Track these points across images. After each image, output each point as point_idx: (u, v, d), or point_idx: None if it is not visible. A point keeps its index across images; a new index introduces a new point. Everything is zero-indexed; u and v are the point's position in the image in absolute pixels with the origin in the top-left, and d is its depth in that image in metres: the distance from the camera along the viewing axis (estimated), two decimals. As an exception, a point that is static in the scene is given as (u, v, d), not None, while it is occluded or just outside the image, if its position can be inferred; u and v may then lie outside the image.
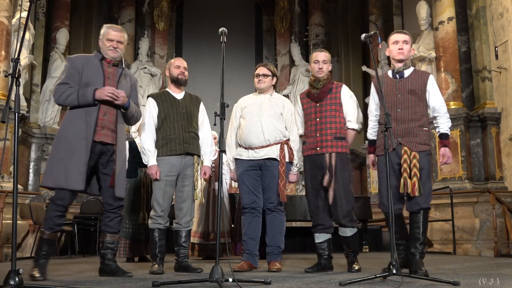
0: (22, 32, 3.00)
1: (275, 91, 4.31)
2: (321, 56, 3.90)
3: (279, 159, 3.95)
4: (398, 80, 3.60)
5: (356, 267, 3.73)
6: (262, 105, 4.05)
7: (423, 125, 3.53)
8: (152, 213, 3.91)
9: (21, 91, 5.69)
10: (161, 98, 4.02)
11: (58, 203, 3.31)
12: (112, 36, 3.54)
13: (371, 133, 3.77)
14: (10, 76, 2.58)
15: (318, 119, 3.85)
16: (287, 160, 3.99)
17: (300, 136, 4.05)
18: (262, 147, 3.96)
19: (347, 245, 3.83)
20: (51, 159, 3.37)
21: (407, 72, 3.61)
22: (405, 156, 3.46)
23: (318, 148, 3.80)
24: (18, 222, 5.05)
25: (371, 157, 3.80)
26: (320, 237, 3.86)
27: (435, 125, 3.64)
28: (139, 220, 5.33)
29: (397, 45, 3.60)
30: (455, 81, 7.27)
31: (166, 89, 4.16)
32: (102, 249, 3.50)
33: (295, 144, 4.05)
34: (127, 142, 5.62)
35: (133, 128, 5.70)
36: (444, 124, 3.59)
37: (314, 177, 3.84)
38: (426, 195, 3.47)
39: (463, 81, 7.35)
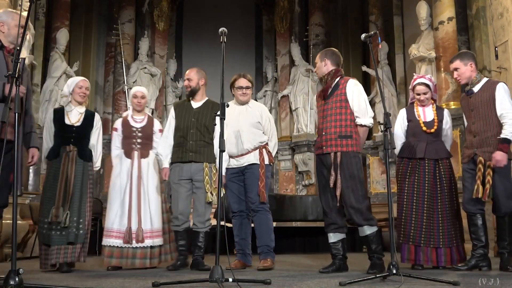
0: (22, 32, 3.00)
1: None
2: (316, 58, 3.90)
3: (259, 163, 4.14)
4: (470, 96, 3.89)
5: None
6: (240, 116, 4.23)
7: (498, 134, 3.69)
8: (171, 215, 4.29)
9: (21, 91, 5.67)
10: (180, 107, 4.29)
11: None
12: (21, 22, 3.15)
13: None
14: (10, 76, 2.58)
15: (323, 118, 3.77)
16: (266, 162, 4.18)
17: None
18: (242, 155, 4.18)
19: (369, 245, 3.67)
20: None
21: (476, 88, 3.87)
22: (480, 165, 3.73)
23: (324, 148, 3.71)
24: (18, 222, 5.03)
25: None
26: (334, 237, 3.75)
27: (502, 130, 3.69)
28: (49, 217, 3.97)
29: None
30: (455, 81, 7.25)
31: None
32: None
33: (272, 149, 4.27)
34: (52, 111, 4.36)
35: (65, 89, 4.32)
36: (506, 130, 3.66)
37: (323, 177, 3.78)
38: (508, 200, 3.70)
39: (463, 81, 7.33)
